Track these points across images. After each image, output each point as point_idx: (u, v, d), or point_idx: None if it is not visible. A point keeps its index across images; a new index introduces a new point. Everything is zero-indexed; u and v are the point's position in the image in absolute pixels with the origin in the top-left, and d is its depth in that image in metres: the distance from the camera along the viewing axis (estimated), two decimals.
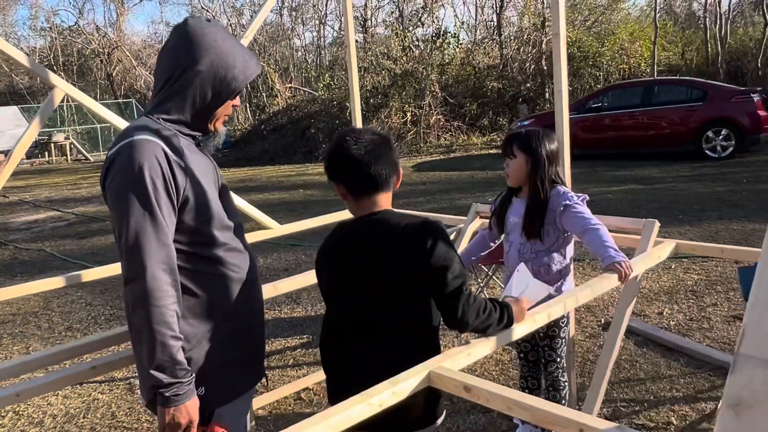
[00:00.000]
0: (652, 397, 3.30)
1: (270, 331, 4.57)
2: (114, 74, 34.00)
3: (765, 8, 19.86)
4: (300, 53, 33.62)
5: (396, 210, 1.84)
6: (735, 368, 0.52)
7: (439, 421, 1.81)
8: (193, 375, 1.61)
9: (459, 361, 1.61)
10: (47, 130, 25.57)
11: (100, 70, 34.91)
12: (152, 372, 1.52)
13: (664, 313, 4.46)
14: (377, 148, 1.74)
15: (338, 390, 1.74)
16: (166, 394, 1.54)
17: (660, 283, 5.06)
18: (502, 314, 1.71)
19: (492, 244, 2.94)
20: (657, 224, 2.65)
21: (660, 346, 3.91)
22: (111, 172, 1.57)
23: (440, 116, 18.59)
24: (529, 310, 1.87)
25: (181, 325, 1.61)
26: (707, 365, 3.60)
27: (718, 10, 21.23)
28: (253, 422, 1.96)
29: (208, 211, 1.66)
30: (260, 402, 3.43)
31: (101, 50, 33.79)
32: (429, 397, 1.70)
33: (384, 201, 1.77)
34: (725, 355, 3.69)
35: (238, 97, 1.77)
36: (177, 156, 1.60)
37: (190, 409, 1.58)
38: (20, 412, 3.67)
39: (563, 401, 2.83)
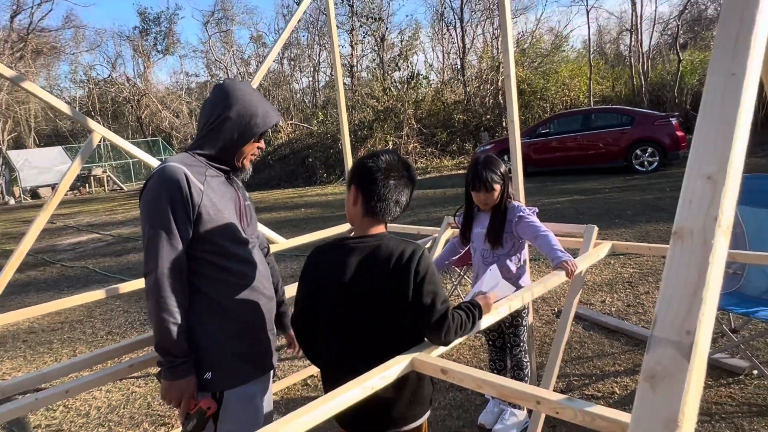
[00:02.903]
0: (598, 372, 3.32)
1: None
2: (143, 117, 33.81)
3: (678, 48, 20.30)
4: (298, 95, 33.70)
5: (390, 235, 1.68)
6: (649, 348, 0.54)
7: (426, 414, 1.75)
8: (190, 358, 1.63)
9: (437, 349, 1.62)
10: (87, 165, 25.33)
11: (131, 114, 34.72)
12: (156, 350, 1.61)
13: (606, 301, 4.49)
14: (411, 188, 1.66)
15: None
16: (165, 370, 1.60)
17: (601, 277, 5.11)
18: (474, 318, 1.65)
19: (461, 250, 2.96)
20: (596, 229, 2.68)
21: (604, 329, 3.94)
22: (145, 188, 1.65)
23: (416, 144, 18.68)
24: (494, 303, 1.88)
25: (192, 320, 1.65)
26: (643, 343, 3.63)
27: (640, 50, 21.61)
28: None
29: (220, 226, 1.68)
30: (273, 389, 3.40)
31: (131, 97, 33.61)
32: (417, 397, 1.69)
33: (384, 227, 1.68)
34: None
35: (262, 140, 1.82)
36: (198, 181, 1.65)
37: (182, 385, 1.61)
38: (69, 406, 3.62)
39: (526, 378, 2.84)
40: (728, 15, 0.61)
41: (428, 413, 1.77)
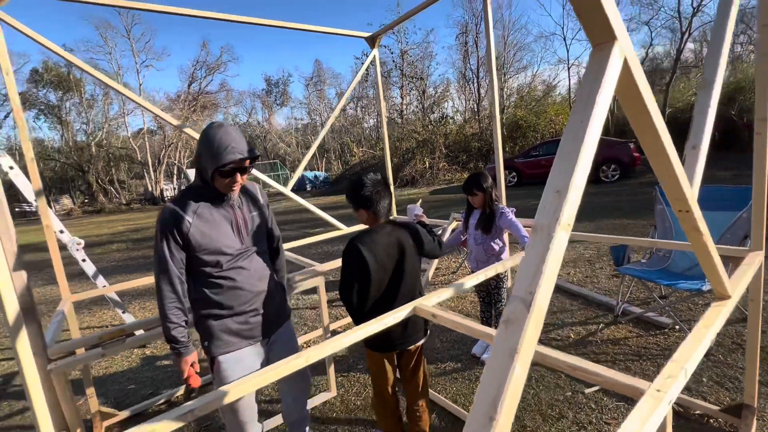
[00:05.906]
0: (560, 323, 3.21)
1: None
2: (267, 147, 35.23)
3: None
4: (367, 131, 33.87)
5: (392, 218, 1.86)
6: (508, 303, 0.55)
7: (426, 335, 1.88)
8: (188, 341, 1.55)
9: (432, 300, 1.63)
10: None
11: (260, 145, 36.16)
12: (166, 340, 1.55)
13: (570, 273, 4.30)
14: (388, 192, 1.76)
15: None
16: (173, 352, 1.56)
17: (567, 256, 4.89)
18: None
19: (462, 237, 2.94)
20: None
21: (567, 293, 3.79)
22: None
23: (445, 163, 18.40)
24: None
25: (196, 308, 1.59)
26: (594, 303, 3.47)
27: None
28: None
29: (209, 246, 1.54)
30: (312, 334, 3.40)
31: (260, 134, 35.06)
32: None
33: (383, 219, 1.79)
34: (605, 298, 3.54)
35: (237, 175, 1.53)
36: (187, 215, 1.52)
37: (186, 360, 1.56)
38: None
39: None
40: (586, 81, 0.60)
41: (425, 339, 1.84)
